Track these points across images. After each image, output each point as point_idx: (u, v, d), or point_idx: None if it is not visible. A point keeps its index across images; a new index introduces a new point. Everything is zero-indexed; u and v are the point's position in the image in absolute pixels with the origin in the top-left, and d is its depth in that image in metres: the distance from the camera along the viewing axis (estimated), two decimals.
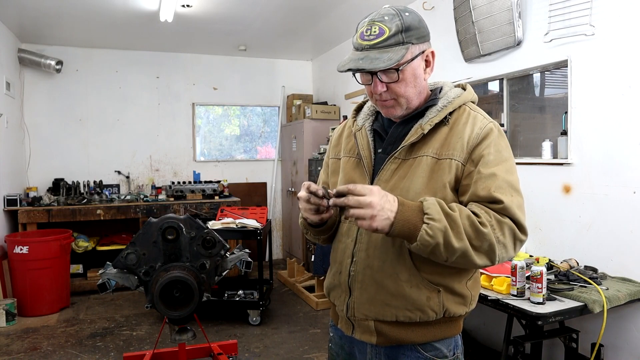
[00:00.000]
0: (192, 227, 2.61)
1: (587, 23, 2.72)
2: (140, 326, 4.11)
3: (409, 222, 1.04)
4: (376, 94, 1.18)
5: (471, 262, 1.08)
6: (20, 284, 4.36)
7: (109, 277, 2.59)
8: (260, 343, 3.72)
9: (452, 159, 1.15)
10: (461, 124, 1.18)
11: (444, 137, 1.18)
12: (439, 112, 1.19)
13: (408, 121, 1.24)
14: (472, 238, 1.06)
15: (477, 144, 1.15)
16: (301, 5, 4.41)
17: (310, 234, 1.37)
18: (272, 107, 6.80)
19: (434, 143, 1.18)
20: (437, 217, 1.04)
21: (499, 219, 1.08)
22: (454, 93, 1.24)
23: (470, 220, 1.06)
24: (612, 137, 2.66)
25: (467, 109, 1.21)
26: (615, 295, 2.33)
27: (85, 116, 5.84)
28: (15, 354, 3.54)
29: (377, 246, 1.21)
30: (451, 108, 1.20)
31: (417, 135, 1.19)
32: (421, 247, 1.05)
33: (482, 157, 1.13)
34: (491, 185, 1.10)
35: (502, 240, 1.08)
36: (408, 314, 1.18)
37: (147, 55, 6.07)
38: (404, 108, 1.21)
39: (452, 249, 1.05)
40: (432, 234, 1.03)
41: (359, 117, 1.37)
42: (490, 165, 1.12)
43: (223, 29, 5.14)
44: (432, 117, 1.19)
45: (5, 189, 4.82)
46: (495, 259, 1.09)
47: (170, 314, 2.43)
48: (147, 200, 5.38)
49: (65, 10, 4.42)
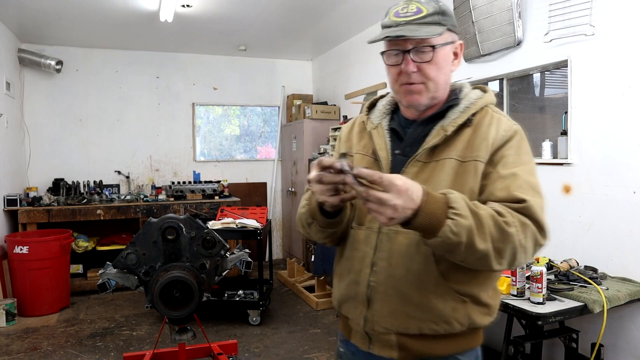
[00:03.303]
0: (192, 227, 2.61)
1: (587, 23, 2.72)
2: (140, 326, 4.11)
3: (433, 216, 0.93)
4: (406, 73, 1.10)
5: (488, 266, 1.00)
6: (20, 284, 4.36)
7: (109, 277, 2.59)
8: (260, 343, 3.72)
9: (477, 160, 1.09)
10: (485, 126, 1.12)
11: (468, 139, 1.12)
12: (462, 113, 1.14)
13: (427, 122, 1.17)
14: (495, 240, 0.97)
15: (500, 145, 1.09)
16: (301, 5, 4.41)
17: (316, 227, 1.20)
18: (272, 107, 6.80)
19: (457, 145, 1.12)
20: (465, 213, 0.94)
21: (522, 221, 1.00)
22: (476, 94, 1.18)
23: (494, 219, 0.98)
24: (612, 137, 2.66)
25: (489, 111, 1.16)
26: (615, 295, 2.33)
27: (85, 116, 5.84)
28: (15, 354, 3.54)
29: (401, 254, 1.12)
30: (474, 109, 1.14)
31: (440, 137, 1.12)
32: (441, 244, 0.95)
33: (502, 158, 1.08)
34: (511, 185, 1.04)
35: (524, 244, 1.00)
36: (433, 326, 1.10)
37: (147, 55, 6.07)
38: (430, 96, 1.13)
39: (474, 251, 0.96)
40: (456, 232, 0.93)
41: (372, 115, 1.29)
42: (509, 166, 1.07)
43: (223, 29, 5.14)
44: (454, 118, 1.13)
45: (5, 189, 4.82)
46: (514, 263, 1.01)
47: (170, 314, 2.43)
48: (147, 200, 5.38)
49: (65, 10, 4.43)
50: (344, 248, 1.26)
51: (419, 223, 0.93)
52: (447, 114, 1.15)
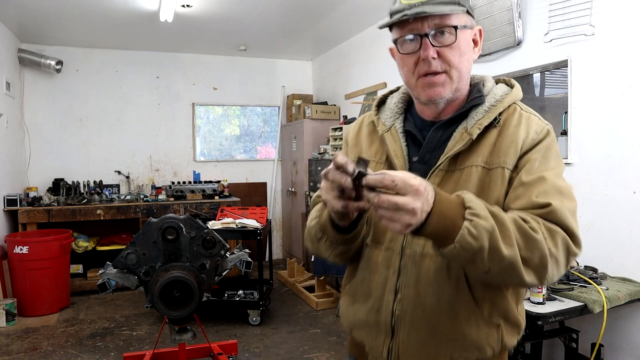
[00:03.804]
0: (192, 227, 2.61)
1: (587, 23, 2.72)
2: (140, 326, 4.11)
3: (446, 218, 0.81)
4: (426, 60, 0.96)
5: (518, 278, 0.85)
6: (20, 284, 4.36)
7: (109, 277, 2.59)
8: (260, 343, 3.72)
9: (504, 167, 0.96)
10: (512, 126, 0.99)
11: (493, 142, 0.99)
12: (487, 113, 1.00)
13: (448, 124, 1.04)
14: (520, 247, 0.84)
15: (529, 149, 0.97)
16: (301, 5, 4.41)
17: (326, 243, 1.06)
18: (272, 107, 6.80)
19: (482, 150, 0.99)
20: (483, 213, 0.82)
21: (549, 227, 0.88)
22: (502, 90, 1.04)
23: (517, 224, 0.86)
24: (612, 137, 2.66)
25: (517, 109, 1.02)
26: (615, 295, 2.33)
27: (85, 116, 5.84)
28: (15, 354, 3.54)
29: (430, 281, 1.00)
30: (501, 108, 1.01)
31: (464, 141, 0.99)
32: (460, 251, 0.82)
33: (527, 162, 0.96)
34: (534, 191, 0.92)
35: (554, 254, 0.86)
36: (465, 354, 1.01)
37: (147, 55, 6.07)
38: (453, 87, 0.99)
39: (499, 257, 0.82)
40: (476, 234, 0.80)
41: (383, 115, 1.14)
42: (533, 172, 0.94)
43: (223, 29, 5.14)
44: (479, 118, 1.00)
45: (5, 189, 4.82)
46: (545, 276, 0.87)
47: (170, 314, 2.43)
48: (147, 200, 5.38)
49: (65, 10, 4.43)
50: (357, 267, 1.14)
51: (432, 227, 0.81)
52: (470, 114, 1.02)
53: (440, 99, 1.00)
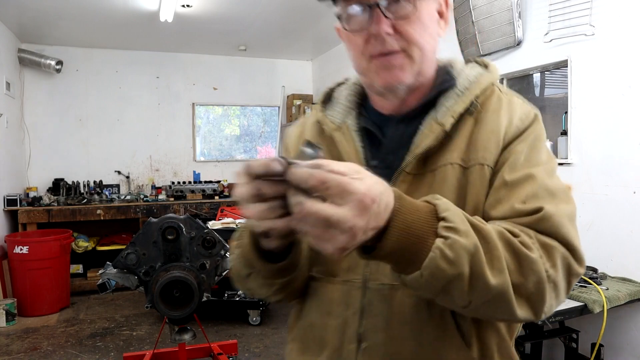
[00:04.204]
0: (192, 227, 2.61)
1: (587, 23, 2.72)
2: (140, 326, 4.11)
3: (411, 234, 0.59)
4: (378, 36, 0.75)
5: (507, 312, 0.65)
6: (20, 284, 4.36)
7: (109, 277, 2.59)
8: (260, 343, 3.72)
9: (483, 164, 0.76)
10: (491, 112, 0.79)
11: (469, 133, 0.79)
12: (460, 97, 0.80)
13: (413, 117, 0.83)
14: (511, 270, 0.63)
15: (513, 138, 0.77)
16: (301, 5, 4.41)
17: (259, 279, 0.81)
18: (272, 107, 6.80)
19: (458, 144, 0.79)
20: (462, 227, 0.61)
21: (544, 242, 0.67)
22: (475, 71, 0.84)
23: (505, 239, 0.65)
24: (612, 137, 2.66)
25: (495, 91, 0.83)
26: (615, 295, 2.33)
27: (85, 116, 5.84)
28: (15, 354, 3.54)
29: (405, 321, 0.76)
30: (478, 90, 0.80)
31: (436, 135, 0.78)
32: (429, 279, 0.60)
33: (510, 156, 0.76)
34: (520, 194, 0.72)
35: (553, 277, 0.66)
36: None
37: (147, 55, 6.07)
38: (415, 69, 0.78)
39: (484, 286, 0.61)
40: (452, 257, 0.59)
41: (330, 111, 0.91)
42: (518, 168, 0.75)
43: (223, 29, 5.14)
44: (451, 105, 0.80)
45: (6, 189, 4.82)
46: (542, 307, 0.66)
47: (170, 314, 2.44)
48: (147, 200, 5.38)
49: (65, 10, 4.43)
50: (304, 306, 0.88)
51: (389, 248, 0.58)
52: (439, 101, 0.81)
53: (400, 85, 0.78)
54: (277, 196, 0.56)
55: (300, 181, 0.52)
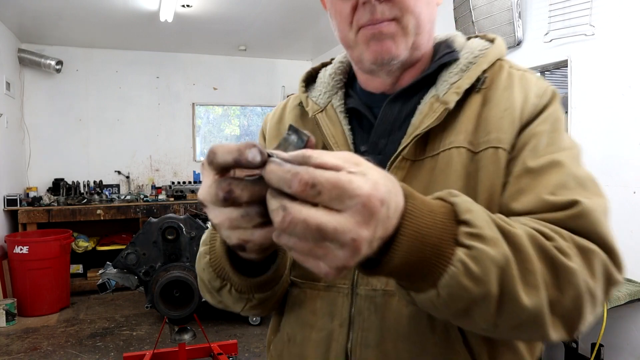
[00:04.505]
0: (192, 227, 2.61)
1: (587, 23, 2.72)
2: (140, 326, 4.11)
3: (425, 243, 0.46)
4: (368, 2, 0.65)
5: (539, 333, 0.52)
6: (20, 284, 4.36)
7: (109, 277, 2.59)
8: (260, 343, 3.72)
9: (497, 147, 0.64)
10: (502, 88, 0.68)
11: (477, 113, 0.67)
12: (465, 72, 0.69)
13: (409, 94, 0.72)
14: (547, 284, 0.51)
15: (532, 118, 0.65)
16: (301, 5, 4.41)
17: (232, 294, 0.66)
18: (272, 107, 6.75)
19: (463, 124, 0.67)
20: (489, 233, 0.48)
21: (582, 245, 0.55)
22: (479, 44, 0.72)
23: (537, 244, 0.52)
24: (612, 137, 2.66)
25: (504, 67, 0.71)
26: (615, 295, 2.33)
27: (85, 116, 5.84)
28: (15, 354, 3.54)
29: (402, 336, 0.64)
30: (485, 64, 0.69)
31: (438, 114, 0.66)
32: (448, 300, 0.48)
33: (531, 139, 0.64)
34: (547, 183, 0.60)
35: (592, 289, 0.54)
36: None
37: (147, 55, 6.07)
38: (410, 42, 0.68)
39: (515, 308, 0.49)
40: (478, 274, 0.47)
41: (313, 92, 0.80)
42: (541, 152, 0.63)
43: (223, 29, 5.14)
44: (454, 81, 0.68)
45: (5, 189, 4.82)
46: (578, 326, 0.54)
47: (170, 314, 2.44)
48: (147, 200, 5.38)
49: (65, 10, 4.43)
50: (282, 316, 0.76)
51: (397, 261, 0.45)
52: (440, 77, 0.71)
53: (392, 59, 0.68)
54: (254, 199, 0.40)
55: (280, 183, 0.37)
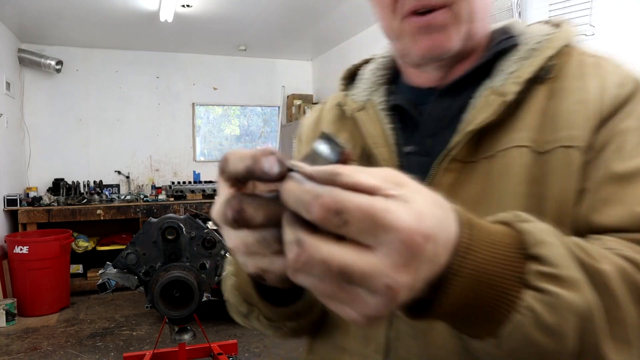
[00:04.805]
0: (192, 227, 2.61)
1: (587, 23, 2.72)
2: (140, 326, 4.11)
3: (486, 281, 0.36)
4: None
5: None
6: (20, 284, 4.36)
7: (109, 277, 2.59)
8: (260, 343, 3.72)
9: (569, 146, 0.54)
10: (572, 78, 0.58)
11: (542, 107, 0.57)
12: (528, 60, 0.59)
13: (461, 87, 0.63)
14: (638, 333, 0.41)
15: (614, 111, 0.54)
16: (301, 5, 4.41)
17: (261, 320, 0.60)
18: (272, 107, 6.80)
19: (525, 120, 0.57)
20: (569, 273, 0.38)
21: None
22: (543, 29, 0.62)
23: (630, 283, 0.41)
24: None
25: (574, 54, 0.60)
26: None
27: (85, 116, 5.84)
28: (15, 354, 3.54)
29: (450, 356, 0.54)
30: (550, 51, 0.58)
31: (495, 108, 0.57)
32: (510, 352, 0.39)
33: (615, 137, 0.53)
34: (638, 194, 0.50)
35: None
36: None
37: (147, 55, 6.07)
38: (463, 30, 0.59)
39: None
40: (552, 323, 0.37)
41: (354, 90, 0.73)
42: (629, 154, 0.52)
43: (223, 28, 5.14)
44: (513, 70, 0.59)
45: (5, 189, 4.82)
46: None
47: (170, 314, 2.44)
48: (147, 200, 5.38)
49: (65, 10, 4.43)
50: (315, 339, 0.69)
51: (450, 305, 0.36)
52: (496, 67, 0.61)
53: (444, 54, 0.60)
54: (271, 221, 0.33)
55: (298, 206, 0.30)
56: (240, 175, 0.33)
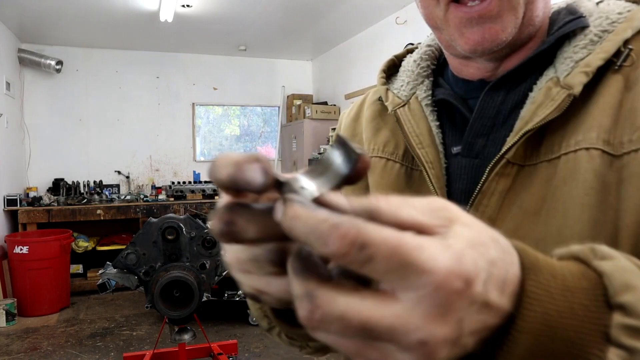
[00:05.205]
0: (192, 227, 2.61)
1: None
2: (140, 326, 4.11)
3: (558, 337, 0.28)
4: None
5: None
6: (20, 284, 4.36)
7: (109, 277, 2.59)
8: (260, 343, 3.72)
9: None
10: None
11: (617, 100, 0.48)
12: (597, 44, 0.50)
13: (516, 79, 0.55)
14: None
15: None
16: (301, 5, 4.41)
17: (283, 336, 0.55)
18: (272, 107, 6.80)
19: (595, 117, 0.49)
20: None
21: None
22: (618, 6, 0.52)
23: None
24: None
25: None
26: None
27: (85, 116, 5.84)
28: (15, 354, 3.54)
29: None
30: (627, 32, 0.49)
31: (558, 102, 0.49)
32: None
33: None
34: None
35: None
36: None
37: (147, 55, 6.07)
38: (517, 17, 0.51)
39: None
40: None
41: (395, 83, 0.66)
42: None
43: (223, 28, 5.14)
44: (581, 57, 0.50)
45: (5, 189, 4.82)
46: None
47: (170, 314, 2.44)
48: (147, 200, 5.38)
49: (65, 10, 4.43)
50: None
51: None
52: (560, 53, 0.53)
53: (497, 45, 0.51)
54: (266, 237, 0.28)
55: (309, 237, 0.24)
56: (224, 184, 0.28)
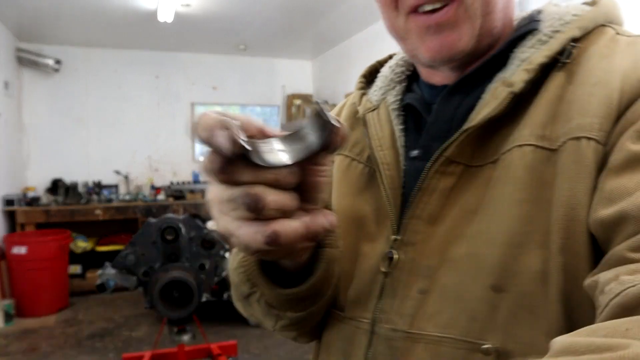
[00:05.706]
0: (191, 227, 2.59)
1: None
2: (139, 327, 4.09)
3: None
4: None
5: None
6: (19, 284, 4.35)
7: (107, 277, 2.57)
8: (260, 344, 3.71)
9: (580, 136, 0.45)
10: (595, 58, 0.49)
11: (557, 95, 0.48)
12: (545, 43, 0.51)
13: (474, 82, 0.55)
14: None
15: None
16: (301, 5, 4.40)
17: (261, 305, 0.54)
18: (271, 107, 6.79)
19: (536, 114, 0.49)
20: None
21: None
22: (574, 9, 0.53)
23: None
24: None
25: (607, 34, 0.52)
26: None
27: (85, 116, 5.82)
28: (13, 355, 3.52)
29: None
30: (575, 31, 0.50)
31: (500, 100, 0.49)
32: None
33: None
34: None
35: None
36: None
37: (146, 54, 6.05)
38: (476, 27, 0.52)
39: None
40: None
41: (371, 90, 0.66)
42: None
43: (223, 28, 5.13)
44: (528, 56, 0.51)
45: (4, 189, 4.80)
46: None
47: (170, 314, 2.42)
48: (146, 201, 5.36)
49: (63, 9, 4.41)
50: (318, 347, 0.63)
51: None
52: (513, 55, 0.53)
53: (456, 54, 0.53)
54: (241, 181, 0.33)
55: None
56: (204, 144, 0.33)
